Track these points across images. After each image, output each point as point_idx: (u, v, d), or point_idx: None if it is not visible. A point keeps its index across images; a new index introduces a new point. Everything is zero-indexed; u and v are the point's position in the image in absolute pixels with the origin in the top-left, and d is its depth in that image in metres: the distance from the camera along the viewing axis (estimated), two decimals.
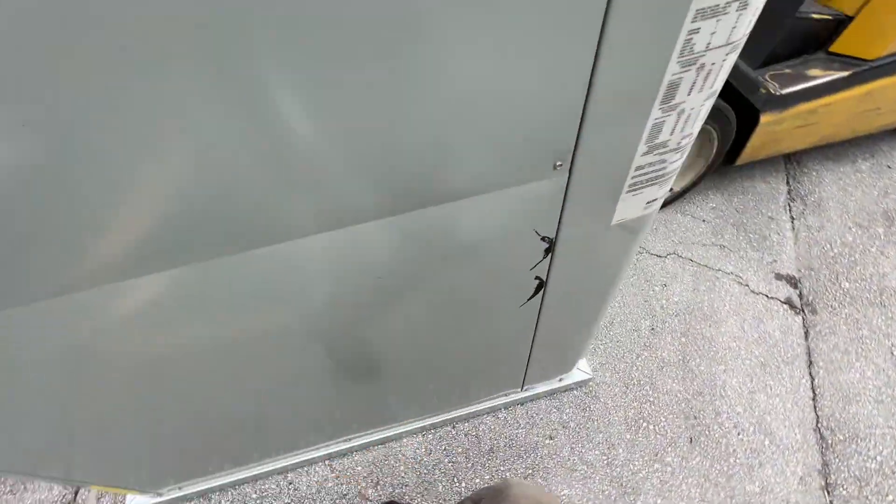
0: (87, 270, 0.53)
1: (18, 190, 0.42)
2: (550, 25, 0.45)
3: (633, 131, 0.60)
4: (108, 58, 0.35)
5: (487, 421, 1.58)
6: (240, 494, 1.49)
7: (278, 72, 0.40)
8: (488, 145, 0.56)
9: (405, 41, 0.41)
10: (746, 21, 0.51)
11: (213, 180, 0.48)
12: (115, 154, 0.42)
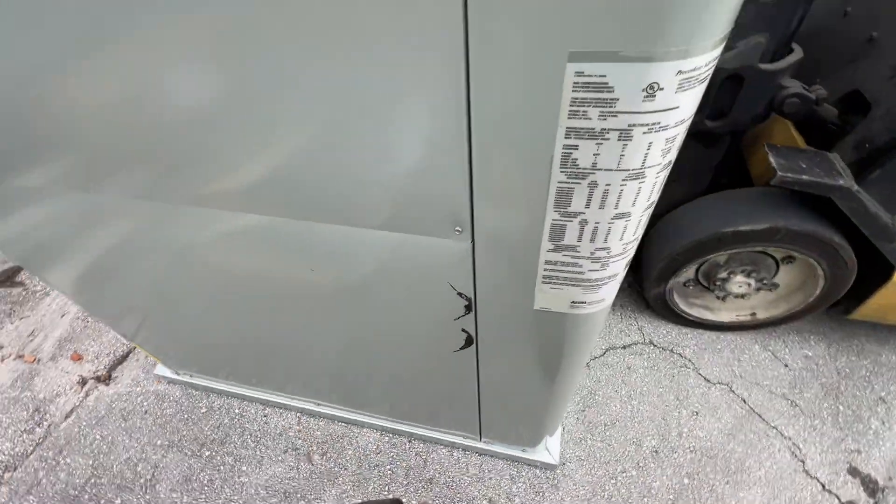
0: (216, 194, 0.72)
1: (220, 121, 0.60)
2: (419, 111, 0.49)
3: (531, 224, 0.59)
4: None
5: (441, 452, 1.58)
6: (227, 404, 1.76)
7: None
8: (386, 195, 0.62)
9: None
10: (641, 152, 0.48)
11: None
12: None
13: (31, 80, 0.62)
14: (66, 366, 1.95)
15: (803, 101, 1.22)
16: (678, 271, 1.57)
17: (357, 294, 0.90)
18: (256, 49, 0.49)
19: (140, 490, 1.58)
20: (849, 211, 1.25)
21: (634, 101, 0.42)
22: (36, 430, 1.76)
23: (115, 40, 0.53)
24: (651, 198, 0.55)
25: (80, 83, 0.60)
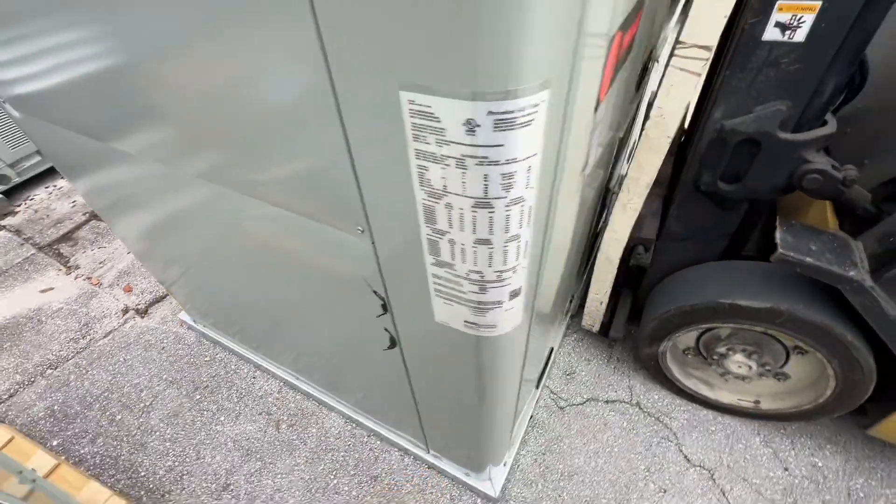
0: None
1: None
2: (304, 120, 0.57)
3: (412, 235, 0.64)
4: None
5: (394, 455, 1.62)
6: (227, 358, 1.95)
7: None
8: (292, 178, 0.71)
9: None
10: (480, 182, 0.51)
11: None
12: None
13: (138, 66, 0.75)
14: (118, 294, 2.28)
15: (827, 180, 1.12)
16: (671, 335, 1.47)
17: (298, 275, 1.00)
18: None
19: (138, 412, 1.80)
20: (861, 308, 1.10)
21: (459, 134, 0.47)
22: (80, 340, 2.08)
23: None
24: (510, 230, 0.57)
25: (170, 76, 0.72)
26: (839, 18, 0.92)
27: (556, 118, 0.51)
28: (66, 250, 2.57)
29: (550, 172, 0.57)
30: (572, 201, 0.79)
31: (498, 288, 0.66)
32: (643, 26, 0.95)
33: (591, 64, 0.57)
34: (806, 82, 1.03)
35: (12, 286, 2.36)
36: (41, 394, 1.88)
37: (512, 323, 0.75)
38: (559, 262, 0.92)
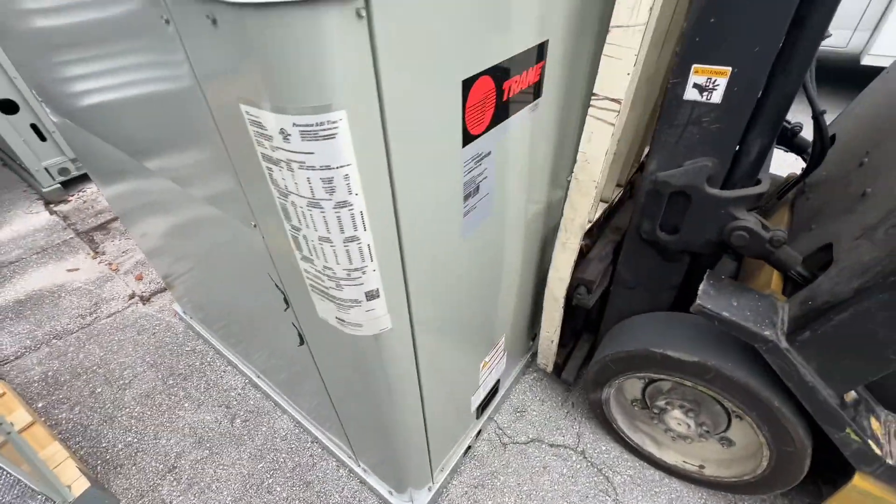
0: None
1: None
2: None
3: (281, 231, 0.74)
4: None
5: (331, 464, 1.65)
6: (205, 351, 2.09)
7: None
8: (216, 182, 0.83)
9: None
10: (305, 184, 0.61)
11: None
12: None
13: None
14: (130, 281, 2.52)
15: (753, 238, 1.12)
16: (611, 381, 1.45)
17: (237, 274, 1.11)
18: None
19: (115, 388, 1.95)
20: (779, 371, 1.07)
21: (280, 140, 0.57)
22: (87, 317, 2.30)
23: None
24: (346, 231, 0.66)
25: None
26: (749, 84, 0.97)
27: (374, 139, 0.60)
28: (98, 238, 2.88)
29: (384, 187, 0.66)
30: (449, 225, 0.87)
31: (351, 286, 0.74)
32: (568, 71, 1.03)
33: (429, 99, 0.66)
34: (727, 141, 1.07)
35: (46, 263, 2.67)
36: (41, 360, 2.09)
37: (379, 325, 0.82)
38: (451, 284, 0.98)
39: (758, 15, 0.89)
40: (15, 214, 3.12)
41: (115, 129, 1.08)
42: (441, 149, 0.74)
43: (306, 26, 0.47)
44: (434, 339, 1.01)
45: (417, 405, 1.10)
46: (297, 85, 0.52)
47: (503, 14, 0.73)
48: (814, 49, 0.96)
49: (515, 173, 1.06)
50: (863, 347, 0.95)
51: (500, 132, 0.88)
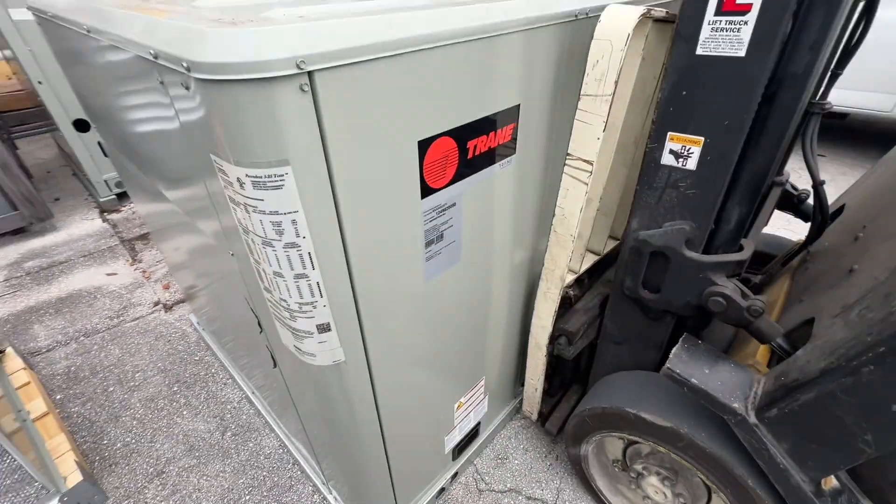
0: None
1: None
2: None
3: (248, 262, 0.82)
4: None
5: (307, 489, 1.68)
6: (211, 362, 2.20)
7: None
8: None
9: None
10: (259, 225, 0.68)
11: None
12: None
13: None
14: (157, 289, 2.71)
15: (731, 305, 1.10)
16: (588, 437, 1.42)
17: (228, 297, 1.21)
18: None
19: (125, 389, 2.09)
20: (750, 448, 1.01)
21: (238, 187, 0.66)
22: (114, 319, 2.49)
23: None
24: (295, 269, 0.73)
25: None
26: (721, 154, 0.99)
27: (321, 190, 0.68)
28: (138, 246, 3.13)
29: (333, 231, 0.73)
30: (408, 267, 0.92)
31: (303, 318, 0.80)
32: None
33: (381, 157, 0.73)
34: (704, 206, 1.08)
35: (90, 266, 2.92)
36: (68, 355, 2.27)
37: (332, 357, 0.87)
38: (415, 324, 1.02)
39: (724, 92, 0.93)
40: (73, 219, 3.46)
41: (139, 157, 1.23)
42: (396, 199, 0.80)
43: (254, 99, 0.56)
44: (394, 374, 1.05)
45: (377, 436, 1.12)
46: (247, 144, 0.60)
47: (466, 83, 0.81)
48: (786, 124, 0.98)
49: (494, 222, 1.12)
50: (831, 433, 0.90)
51: (466, 185, 0.94)
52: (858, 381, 0.82)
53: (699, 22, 0.90)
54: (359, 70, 0.63)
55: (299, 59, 0.56)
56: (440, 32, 0.70)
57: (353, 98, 0.65)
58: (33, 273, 2.86)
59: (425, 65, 0.72)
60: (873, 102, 3.62)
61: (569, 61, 1.04)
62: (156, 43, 0.65)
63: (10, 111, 4.98)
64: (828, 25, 0.87)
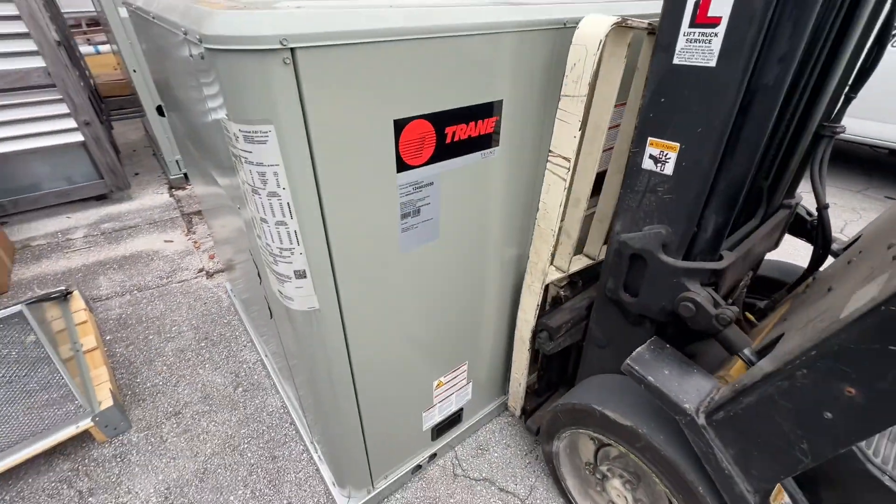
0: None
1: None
2: None
3: (245, 210, 0.97)
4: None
5: (299, 447, 1.81)
6: (236, 326, 2.43)
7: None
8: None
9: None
10: (249, 174, 0.83)
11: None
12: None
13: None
14: (203, 258, 3.02)
15: (700, 311, 1.11)
16: (559, 432, 1.44)
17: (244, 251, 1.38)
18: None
19: (162, 339, 2.35)
20: (699, 451, 1.01)
21: (233, 140, 0.81)
22: (164, 279, 2.81)
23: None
24: (276, 216, 0.87)
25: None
26: (696, 160, 1.03)
27: (299, 148, 0.81)
28: (195, 220, 3.49)
29: (310, 185, 0.86)
30: (383, 234, 1.03)
31: (283, 263, 0.94)
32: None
33: (358, 129, 0.86)
34: (680, 211, 1.11)
35: (152, 232, 3.31)
36: (122, 304, 2.59)
37: (307, 303, 1.00)
38: (389, 292, 1.12)
39: (697, 100, 0.97)
40: (147, 192, 3.92)
41: (200, 144, 1.44)
42: (372, 168, 0.93)
43: (246, 67, 0.71)
44: (368, 331, 1.16)
45: (350, 392, 1.24)
46: (240, 103, 0.75)
47: (444, 74, 0.92)
48: (760, 135, 1.00)
49: (478, 209, 1.21)
50: (770, 439, 0.90)
51: (443, 167, 1.05)
52: (793, 385, 0.83)
53: (675, 33, 0.96)
54: (337, 51, 0.76)
55: (282, 38, 0.70)
56: (413, 27, 0.83)
57: (331, 74, 0.78)
58: (107, 233, 3.28)
59: (401, 53, 0.84)
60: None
61: (558, 65, 1.13)
62: (186, 22, 0.82)
63: (111, 97, 5.73)
64: (796, 39, 0.90)
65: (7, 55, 2.87)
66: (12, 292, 2.67)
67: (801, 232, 1.58)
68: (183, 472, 1.73)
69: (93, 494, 1.65)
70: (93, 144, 3.36)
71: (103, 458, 1.78)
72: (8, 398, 1.66)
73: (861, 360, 0.73)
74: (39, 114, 3.11)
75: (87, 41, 6.46)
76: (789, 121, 1.32)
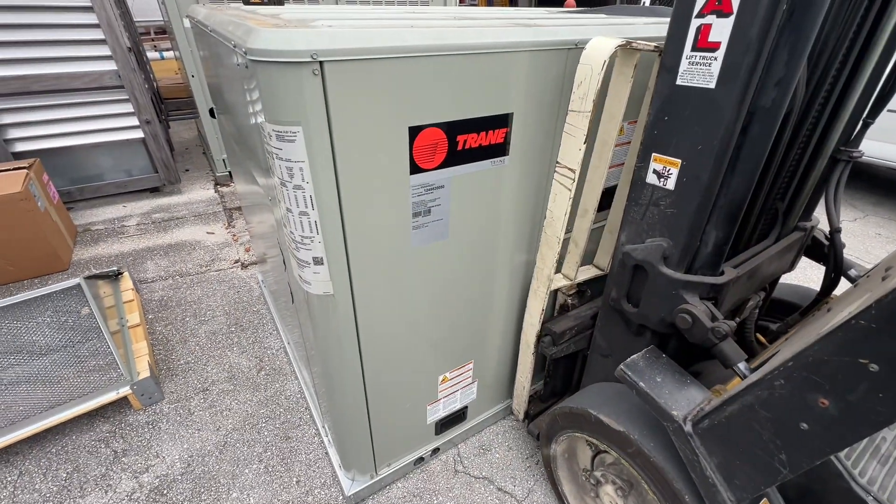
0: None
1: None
2: None
3: (275, 203, 1.09)
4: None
5: (311, 430, 1.92)
6: (264, 314, 2.59)
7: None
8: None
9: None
10: (279, 168, 0.94)
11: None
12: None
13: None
14: (240, 250, 3.23)
15: (696, 323, 1.14)
16: (556, 435, 1.48)
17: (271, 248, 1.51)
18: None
19: (197, 322, 2.54)
20: (685, 459, 1.03)
21: (268, 139, 0.93)
22: (203, 267, 3.02)
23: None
24: (299, 207, 0.98)
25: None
26: (695, 176, 1.08)
27: (323, 148, 0.92)
28: (235, 215, 3.74)
29: (330, 181, 0.97)
30: (395, 230, 1.13)
31: (304, 250, 1.05)
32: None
33: (375, 132, 0.96)
34: (680, 225, 1.15)
35: (197, 224, 3.56)
36: (165, 287, 2.82)
37: (322, 287, 1.11)
38: (399, 285, 1.21)
39: (697, 119, 1.02)
40: (195, 187, 4.22)
41: (244, 145, 1.60)
42: (387, 169, 1.03)
43: (281, 75, 0.83)
44: (377, 319, 1.25)
45: (358, 377, 1.33)
46: (274, 106, 0.87)
47: (456, 88, 1.02)
48: (760, 156, 1.03)
49: (487, 213, 1.29)
50: (751, 449, 0.92)
51: (454, 172, 1.14)
52: (772, 395, 0.85)
53: (679, 56, 1.02)
54: (360, 65, 0.87)
55: (313, 52, 0.81)
56: (429, 45, 0.93)
57: (354, 84, 0.89)
58: (157, 222, 3.57)
59: (417, 68, 0.94)
60: None
61: (568, 83, 1.20)
62: (235, 36, 0.95)
63: (171, 98, 6.20)
64: (793, 65, 0.93)
65: (86, 59, 3.21)
66: (72, 270, 2.95)
67: (817, 255, 1.57)
68: (206, 443, 1.87)
69: (126, 455, 1.81)
70: (151, 141, 3.68)
71: (137, 423, 1.95)
72: (63, 361, 1.86)
73: (834, 372, 0.76)
74: (107, 112, 3.45)
75: (154, 47, 7.03)
76: (804, 144, 1.33)
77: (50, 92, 3.22)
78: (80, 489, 1.68)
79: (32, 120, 3.28)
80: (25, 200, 2.65)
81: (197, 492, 1.68)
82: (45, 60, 3.12)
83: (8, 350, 1.84)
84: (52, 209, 2.98)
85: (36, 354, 1.86)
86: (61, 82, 3.19)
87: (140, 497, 1.66)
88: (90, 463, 1.78)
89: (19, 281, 2.82)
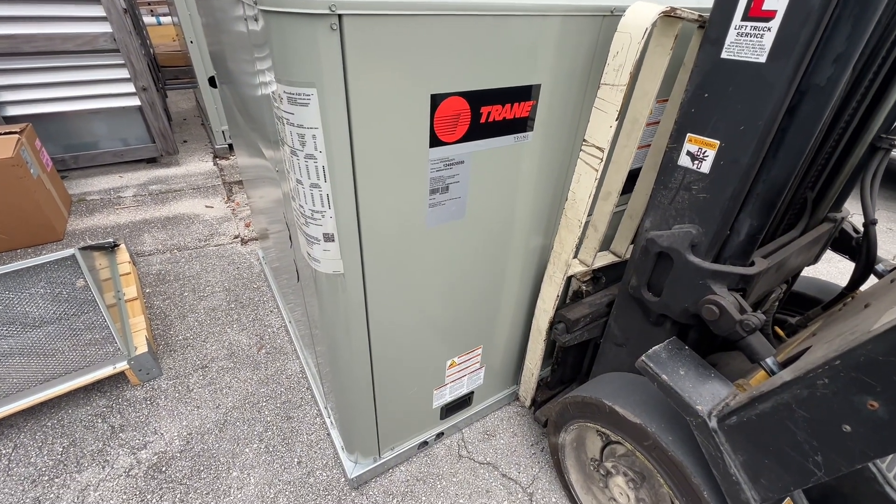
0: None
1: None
2: None
3: (283, 174, 1.02)
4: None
5: (314, 410, 1.89)
6: (265, 291, 2.53)
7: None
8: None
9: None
10: (289, 136, 0.87)
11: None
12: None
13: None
14: (240, 225, 3.15)
15: (723, 315, 1.09)
16: (567, 424, 1.44)
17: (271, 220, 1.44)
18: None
19: (196, 297, 2.48)
20: (707, 455, 0.99)
21: (278, 101, 0.85)
22: (202, 241, 2.95)
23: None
24: (311, 178, 0.90)
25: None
26: (734, 159, 1.01)
27: (338, 113, 0.84)
28: (235, 189, 3.64)
29: (345, 150, 0.89)
30: (411, 208, 1.06)
31: (314, 225, 0.98)
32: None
33: (394, 98, 0.88)
34: (713, 211, 1.09)
35: (195, 196, 3.47)
36: (163, 261, 2.75)
37: (332, 266, 1.05)
38: (412, 265, 1.15)
39: (742, 97, 0.95)
40: (193, 159, 4.10)
41: (248, 115, 1.51)
42: (405, 140, 0.95)
43: (295, 29, 0.74)
44: (387, 301, 1.19)
45: (365, 360, 1.28)
46: (287, 64, 0.79)
47: (484, 53, 0.93)
48: (806, 138, 0.96)
49: (507, 193, 1.22)
50: (783, 448, 0.87)
51: (476, 146, 1.06)
52: (813, 394, 0.80)
53: (726, 26, 0.94)
54: (382, 21, 0.79)
55: (332, 4, 0.73)
56: (457, 3, 0.84)
57: (374, 43, 0.80)
58: (154, 194, 3.47)
59: (443, 28, 0.86)
60: None
61: (601, 54, 1.12)
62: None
63: (168, 66, 6.00)
64: (855, 39, 0.85)
65: (78, 19, 3.06)
66: (66, 240, 2.87)
67: (845, 249, 1.51)
68: (205, 420, 1.83)
69: (123, 431, 1.78)
70: (148, 109, 3.55)
71: (135, 399, 1.91)
72: (58, 334, 1.81)
73: (889, 373, 0.70)
74: (102, 77, 3.31)
75: (151, 12, 6.77)
76: (843, 129, 1.25)
77: (42, 53, 3.07)
78: (77, 464, 1.65)
79: (23, 83, 3.14)
80: (17, 167, 2.55)
81: (196, 469, 1.65)
82: (36, 19, 2.97)
83: (0, 321, 1.78)
84: (45, 177, 2.88)
85: (29, 326, 1.80)
86: (53, 43, 3.05)
87: (138, 473, 1.63)
88: (87, 438, 1.74)
89: (12, 250, 2.74)
